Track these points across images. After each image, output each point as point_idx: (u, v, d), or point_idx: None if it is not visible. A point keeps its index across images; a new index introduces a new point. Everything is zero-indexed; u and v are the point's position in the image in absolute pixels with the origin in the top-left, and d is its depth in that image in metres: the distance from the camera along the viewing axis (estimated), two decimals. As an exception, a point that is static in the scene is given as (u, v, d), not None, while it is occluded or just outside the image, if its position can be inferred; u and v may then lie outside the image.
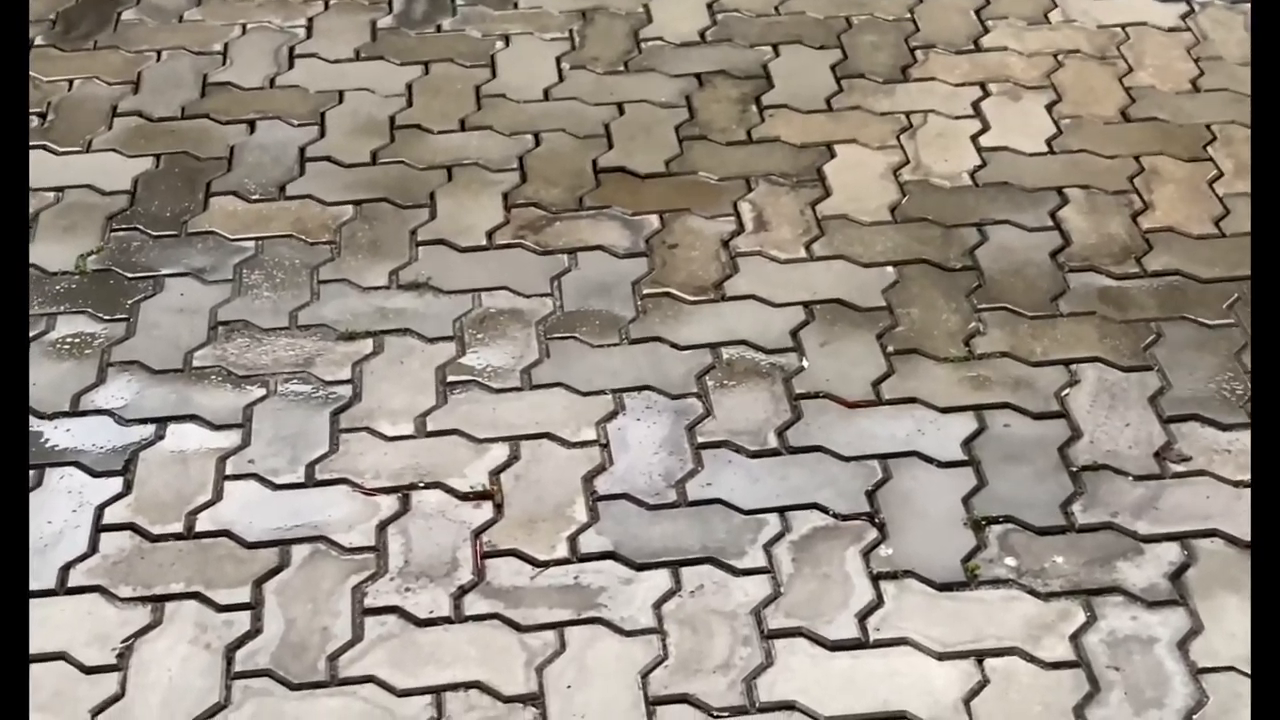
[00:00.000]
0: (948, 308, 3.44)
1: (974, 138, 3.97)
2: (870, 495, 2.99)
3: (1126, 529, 2.94)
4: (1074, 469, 3.05)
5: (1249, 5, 4.49)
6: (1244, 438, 3.11)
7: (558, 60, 4.28)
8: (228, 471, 3.05)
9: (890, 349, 3.32)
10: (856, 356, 3.30)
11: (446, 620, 2.77)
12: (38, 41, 4.37)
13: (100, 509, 2.97)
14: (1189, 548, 2.90)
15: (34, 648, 2.71)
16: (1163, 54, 4.31)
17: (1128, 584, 2.83)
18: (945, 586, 2.82)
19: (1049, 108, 4.09)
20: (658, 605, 2.79)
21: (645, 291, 3.48)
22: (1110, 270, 3.55)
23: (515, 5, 4.52)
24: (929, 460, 3.06)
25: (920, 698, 2.63)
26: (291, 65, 4.27)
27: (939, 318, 3.41)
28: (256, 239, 3.64)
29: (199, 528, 2.94)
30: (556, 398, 3.21)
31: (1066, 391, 3.23)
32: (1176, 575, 2.85)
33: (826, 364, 3.28)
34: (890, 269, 3.55)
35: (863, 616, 2.77)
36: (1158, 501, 2.99)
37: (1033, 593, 2.82)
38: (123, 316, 3.42)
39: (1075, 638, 2.74)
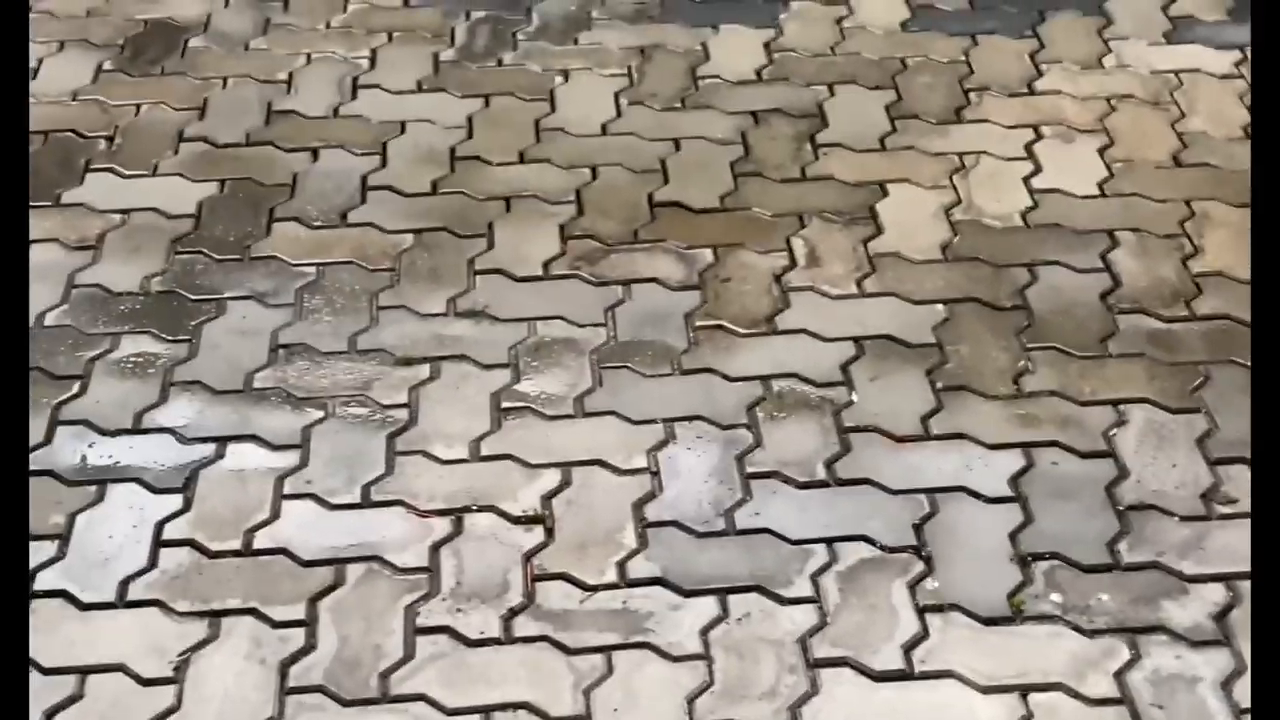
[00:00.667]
0: (997, 346, 3.48)
1: (1026, 179, 4.01)
2: (917, 529, 3.02)
3: (1172, 568, 2.96)
4: (1121, 508, 3.08)
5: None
6: (1291, 481, 3.12)
7: (616, 96, 4.34)
8: (285, 491, 3.11)
9: (939, 385, 3.36)
10: (906, 391, 3.34)
11: (497, 641, 2.81)
12: (106, 66, 4.47)
13: (160, 525, 3.04)
14: (1234, 589, 2.92)
15: (93, 659, 2.77)
16: (1215, 100, 4.34)
17: (1172, 623, 2.85)
18: (991, 621, 2.85)
19: (1101, 151, 4.12)
20: (705, 632, 2.83)
21: (698, 324, 3.53)
22: (1160, 313, 3.58)
23: (575, 41, 4.59)
24: (976, 495, 3.09)
25: (964, 729, 2.66)
26: (355, 95, 4.35)
27: (988, 355, 3.45)
28: (318, 264, 3.71)
29: (256, 545, 3.00)
30: (608, 425, 3.25)
31: (1114, 431, 3.25)
32: (1221, 616, 2.87)
33: (876, 398, 3.32)
34: (941, 307, 3.58)
35: (908, 648, 2.80)
36: (1203, 542, 3.01)
37: (1078, 629, 2.84)
38: (185, 337, 3.50)
39: (1119, 675, 2.76)
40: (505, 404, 3.31)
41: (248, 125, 4.22)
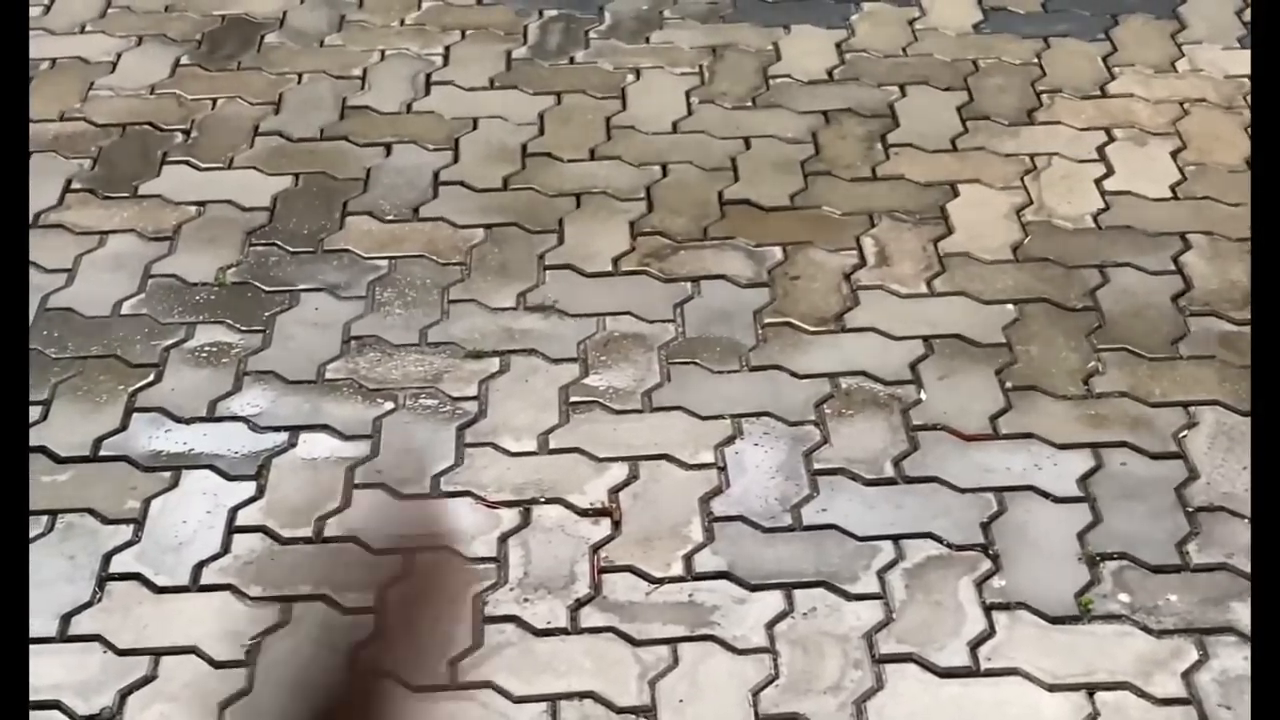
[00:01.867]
0: (1067, 346, 3.47)
1: (1098, 181, 3.99)
2: (985, 527, 3.02)
3: (1241, 570, 2.94)
4: (1190, 509, 3.06)
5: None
6: (1364, 486, 3.09)
7: (687, 94, 4.36)
8: (356, 480, 3.14)
9: (1009, 385, 3.35)
10: (974, 391, 3.33)
11: (563, 631, 2.83)
12: (184, 61, 4.53)
13: (233, 511, 3.08)
14: (1305, 592, 2.90)
15: (166, 641, 2.81)
16: (1291, 104, 4.30)
17: (1241, 624, 2.84)
18: (1058, 620, 2.84)
19: (1174, 154, 4.10)
20: (770, 625, 2.83)
21: (766, 321, 3.53)
22: (1231, 316, 3.56)
23: (647, 40, 4.61)
24: (1045, 495, 3.09)
25: (1029, 727, 2.66)
26: (428, 92, 4.39)
27: (1058, 356, 3.44)
28: (390, 258, 3.75)
29: (327, 533, 3.03)
30: (676, 420, 3.27)
31: (1184, 433, 3.24)
32: (1291, 619, 2.85)
33: (944, 397, 3.32)
34: (1011, 307, 3.57)
35: (974, 645, 2.79)
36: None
37: (1145, 629, 2.83)
38: (259, 328, 3.54)
39: (1187, 675, 2.75)
40: (574, 398, 3.33)
41: (322, 120, 4.27)
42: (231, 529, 3.04)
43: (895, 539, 2.99)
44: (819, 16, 4.71)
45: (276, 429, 3.26)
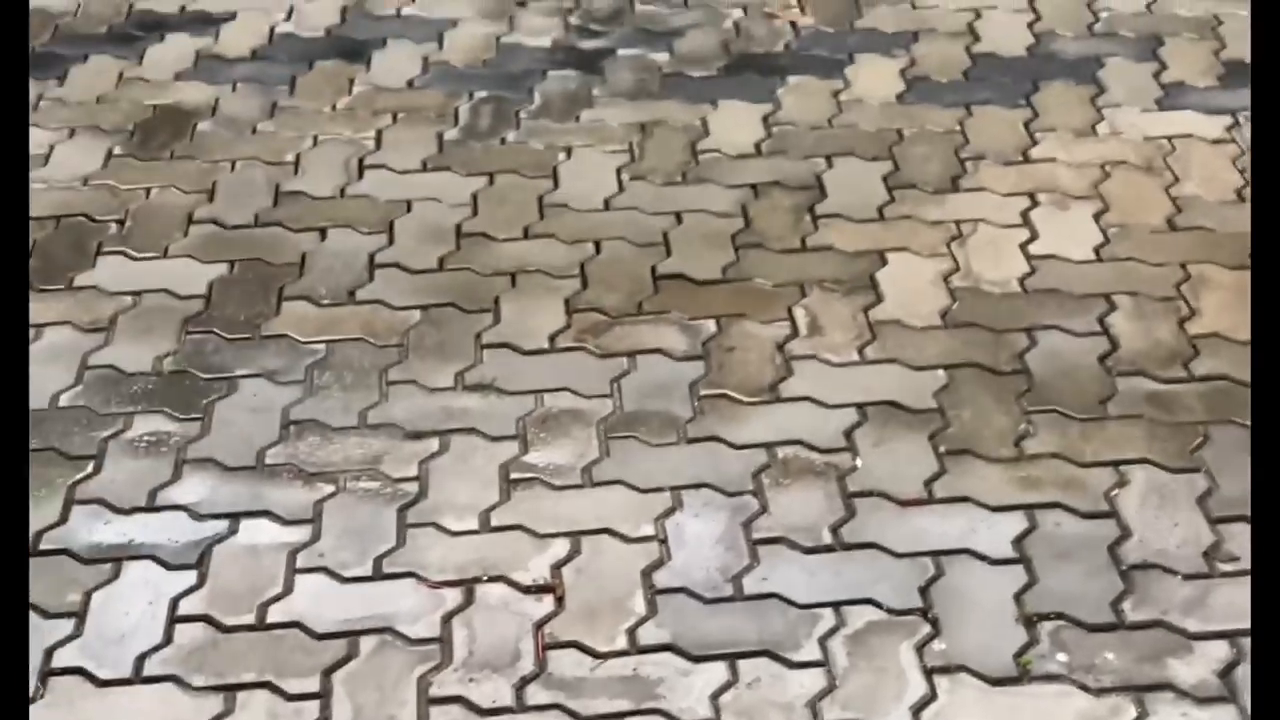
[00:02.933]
0: (998, 410, 3.52)
1: (1023, 246, 4.07)
2: (923, 591, 3.06)
3: (1176, 626, 2.99)
4: (1124, 567, 3.11)
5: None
6: (1292, 538, 3.16)
7: (618, 171, 4.41)
8: (299, 565, 3.15)
9: (942, 449, 3.40)
10: (909, 456, 3.38)
11: (509, 710, 2.84)
12: (117, 151, 4.55)
13: (175, 600, 3.07)
14: (1238, 645, 2.95)
15: (111, 734, 2.80)
16: (1208, 165, 4.41)
17: (1178, 681, 2.88)
18: (998, 681, 2.88)
19: (1097, 217, 4.19)
20: (715, 696, 2.86)
21: (703, 393, 3.58)
22: (1158, 375, 3.63)
23: (577, 119, 4.67)
24: (981, 558, 3.13)
25: (973, 789, 2.69)
26: (361, 175, 4.42)
27: (990, 419, 3.49)
28: (327, 342, 3.77)
29: (270, 619, 3.03)
30: (617, 494, 3.30)
31: (1116, 492, 3.29)
32: (1226, 673, 2.90)
33: (880, 463, 3.36)
34: (941, 372, 3.63)
35: (917, 710, 2.82)
36: (1207, 600, 3.04)
37: (1084, 688, 2.87)
38: (198, 416, 3.55)
39: (1126, 732, 2.79)
40: (514, 475, 3.36)
41: (256, 207, 4.29)
42: (173, 618, 3.03)
43: (836, 606, 3.03)
44: (746, 92, 4.79)
45: (217, 516, 3.26)
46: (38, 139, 4.60)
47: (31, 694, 2.88)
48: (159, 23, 5.19)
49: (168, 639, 2.99)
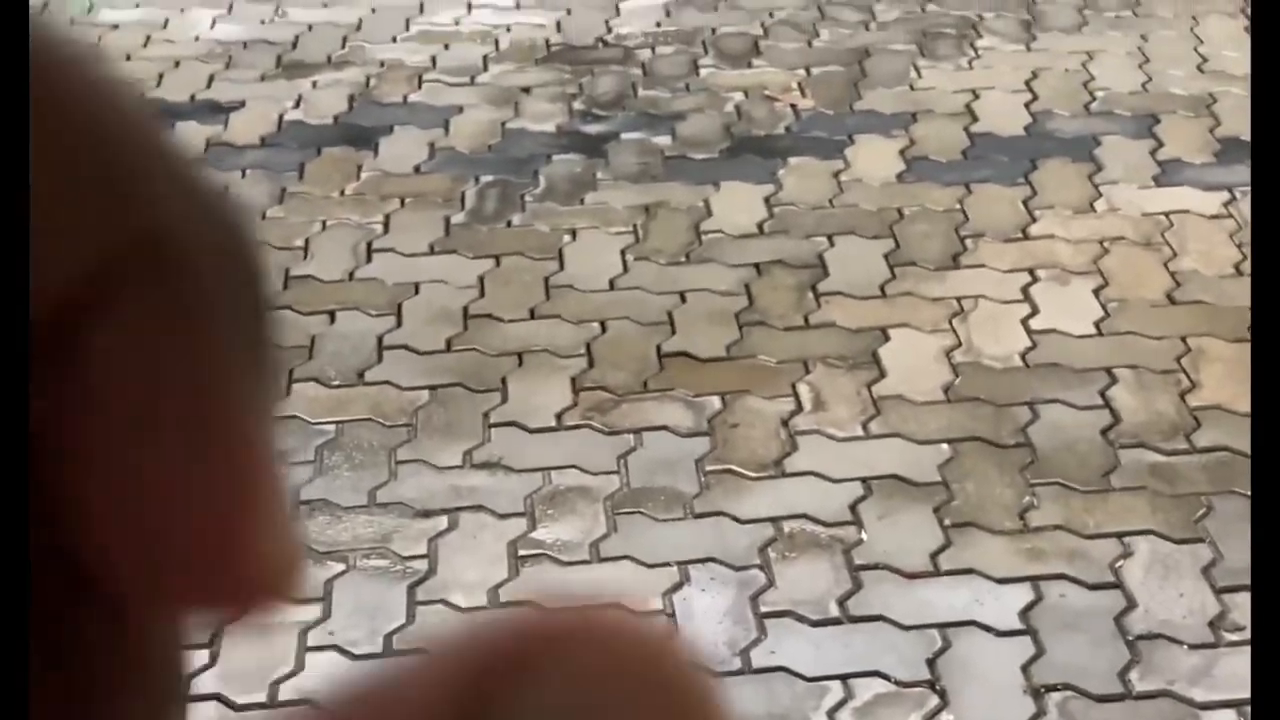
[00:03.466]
0: (1002, 482, 3.55)
1: (1024, 321, 4.12)
2: (931, 663, 3.08)
3: (1183, 696, 3.00)
4: (1130, 638, 3.13)
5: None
6: (1296, 606, 3.18)
7: (622, 252, 4.47)
8: (309, 643, 3.17)
9: (947, 522, 3.43)
10: (914, 529, 3.41)
11: (520, 785, 2.85)
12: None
13: (188, 679, 3.09)
14: (1244, 715, 2.96)
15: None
16: (1206, 239, 4.47)
17: (1185, 749, 2.90)
18: (1005, 751, 2.89)
19: (1096, 292, 4.24)
20: (725, 770, 2.86)
21: (708, 468, 3.61)
22: (1160, 446, 3.66)
23: (582, 201, 4.74)
24: (987, 629, 3.15)
25: None
26: (370, 259, 4.49)
27: (994, 492, 3.52)
28: (337, 422, 3.81)
29: (282, 697, 3.05)
30: (624, 570, 3.32)
31: (1120, 563, 3.32)
32: (1233, 740, 2.91)
33: (885, 536, 3.39)
34: (945, 446, 3.67)
35: (925, 780, 2.84)
36: (1213, 669, 3.06)
37: (1092, 757, 2.88)
38: (209, 496, 3.57)
39: (1135, 801, 2.80)
40: (522, 552, 3.38)
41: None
42: (186, 698, 3.05)
43: (843, 678, 3.04)
44: (747, 173, 4.86)
45: (228, 596, 3.28)
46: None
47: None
48: (170, 111, 5.28)
49: (179, 718, 3.00)
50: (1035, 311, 4.16)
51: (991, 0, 5.96)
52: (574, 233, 4.58)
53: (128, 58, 5.59)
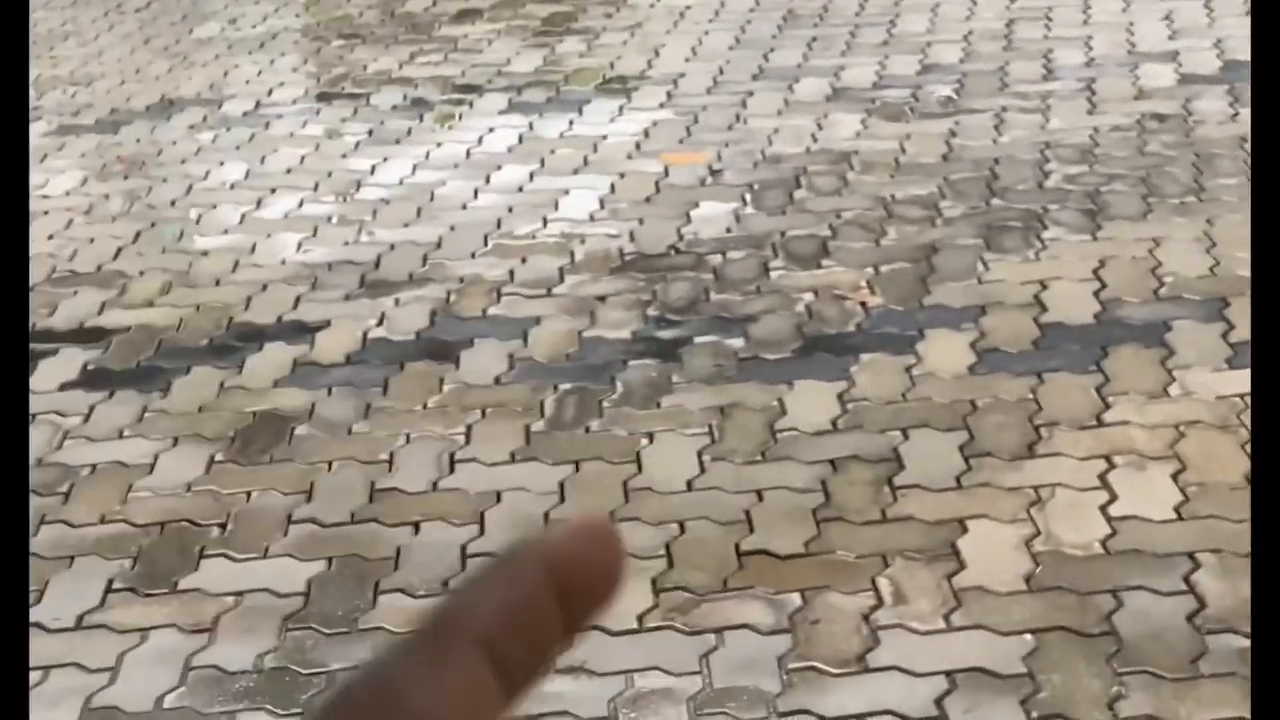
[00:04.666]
0: (1089, 672, 3.53)
1: (1102, 508, 4.12)
2: None
3: None
4: (1226, 827, 3.08)
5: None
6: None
7: (699, 454, 4.54)
8: None
9: (1035, 715, 3.41)
10: (1000, 722, 3.39)
11: None
12: (218, 458, 4.74)
13: None
14: None
15: None
16: (1282, 420, 4.46)
17: None
18: None
19: (1174, 476, 4.24)
20: None
21: (790, 666, 3.62)
22: (1247, 631, 3.63)
23: (658, 405, 4.82)
24: (1079, 822, 3.11)
25: None
26: (453, 470, 4.57)
27: (1081, 683, 3.50)
28: (422, 632, 3.85)
29: None
30: (710, 773, 3.32)
31: (1212, 750, 3.28)
32: None
33: (971, 730, 3.37)
34: (1029, 636, 3.66)
35: None
36: None
37: None
38: (298, 711, 3.63)
39: None
40: (608, 757, 3.40)
41: (352, 505, 4.44)
42: None
43: None
44: (820, 371, 4.93)
45: (318, 810, 3.31)
46: (142, 449, 4.80)
47: None
48: (257, 333, 5.45)
49: None
50: (1114, 498, 4.16)
51: (1056, 192, 6.06)
52: (651, 436, 4.65)
53: (217, 282, 5.79)
